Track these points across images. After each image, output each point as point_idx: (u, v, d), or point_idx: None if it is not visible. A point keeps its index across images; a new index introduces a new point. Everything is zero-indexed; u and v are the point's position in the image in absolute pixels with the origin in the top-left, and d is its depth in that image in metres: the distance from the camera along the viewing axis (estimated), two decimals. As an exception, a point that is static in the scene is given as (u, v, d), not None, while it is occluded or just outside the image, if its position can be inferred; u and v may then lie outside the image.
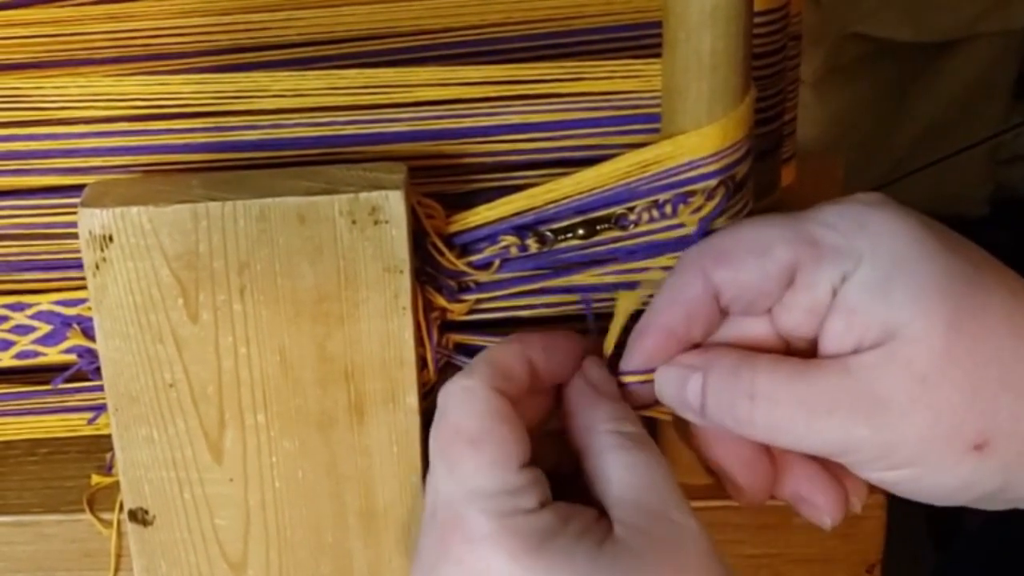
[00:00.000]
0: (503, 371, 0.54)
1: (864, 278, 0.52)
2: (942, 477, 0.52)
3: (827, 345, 0.53)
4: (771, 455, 0.56)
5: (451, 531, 0.51)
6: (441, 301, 0.61)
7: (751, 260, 0.54)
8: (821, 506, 0.56)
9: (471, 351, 0.63)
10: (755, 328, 0.55)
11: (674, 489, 0.52)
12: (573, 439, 0.55)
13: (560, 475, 0.54)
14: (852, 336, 0.52)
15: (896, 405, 0.51)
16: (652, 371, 0.56)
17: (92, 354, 0.62)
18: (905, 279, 0.52)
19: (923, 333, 0.51)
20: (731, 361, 0.53)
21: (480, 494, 0.51)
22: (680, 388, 0.54)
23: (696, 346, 0.55)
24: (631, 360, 0.56)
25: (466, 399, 0.53)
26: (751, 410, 0.52)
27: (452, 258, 0.60)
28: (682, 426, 0.57)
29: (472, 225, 0.61)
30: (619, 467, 0.52)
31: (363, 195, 0.57)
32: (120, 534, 0.63)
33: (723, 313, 0.55)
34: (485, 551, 0.50)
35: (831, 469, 0.56)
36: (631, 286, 0.61)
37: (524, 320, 0.63)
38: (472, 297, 0.62)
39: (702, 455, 0.56)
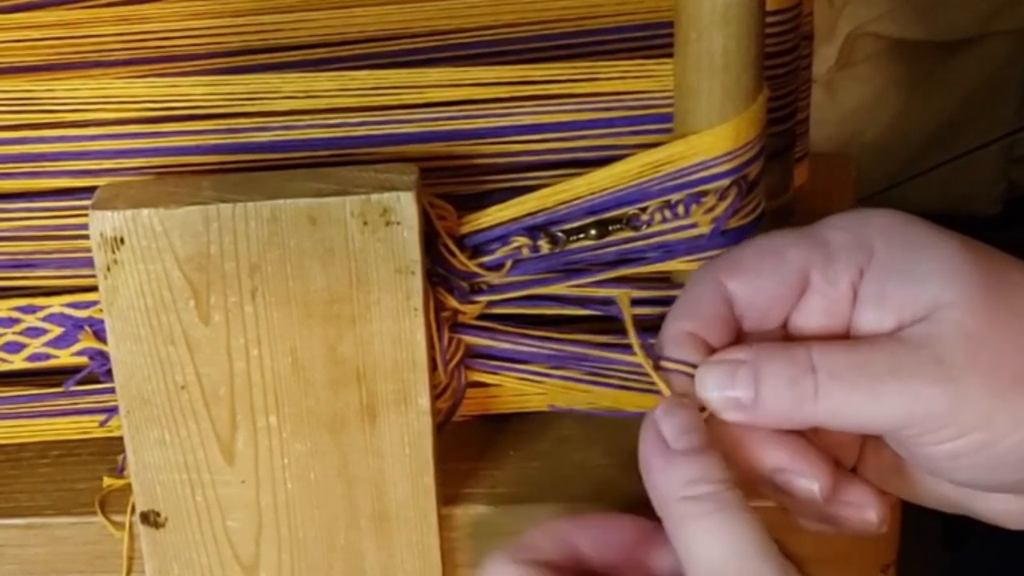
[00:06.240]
0: (531, 546, 0.53)
1: (884, 264, 0.52)
2: (1014, 436, 0.51)
3: (864, 333, 0.53)
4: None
5: None
6: (453, 302, 0.61)
7: (764, 265, 0.53)
8: (866, 505, 0.55)
9: (483, 353, 0.63)
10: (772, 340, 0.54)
11: (762, 552, 0.49)
12: (657, 513, 0.52)
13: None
14: (890, 320, 0.52)
15: (956, 364, 0.51)
16: (690, 364, 0.54)
17: (104, 356, 0.62)
18: (926, 254, 0.52)
19: (962, 297, 0.51)
20: (782, 346, 0.52)
21: None
22: (728, 381, 0.52)
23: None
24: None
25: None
26: (815, 385, 0.51)
27: (464, 259, 0.60)
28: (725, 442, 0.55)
29: (484, 226, 0.60)
30: (697, 540, 0.50)
31: (375, 196, 0.57)
32: (132, 536, 0.63)
33: (738, 323, 0.54)
34: None
35: (862, 477, 0.56)
36: (642, 287, 0.61)
37: (534, 321, 0.63)
38: (484, 298, 0.61)
39: (759, 463, 0.53)
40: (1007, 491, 0.54)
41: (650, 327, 0.61)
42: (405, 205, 0.57)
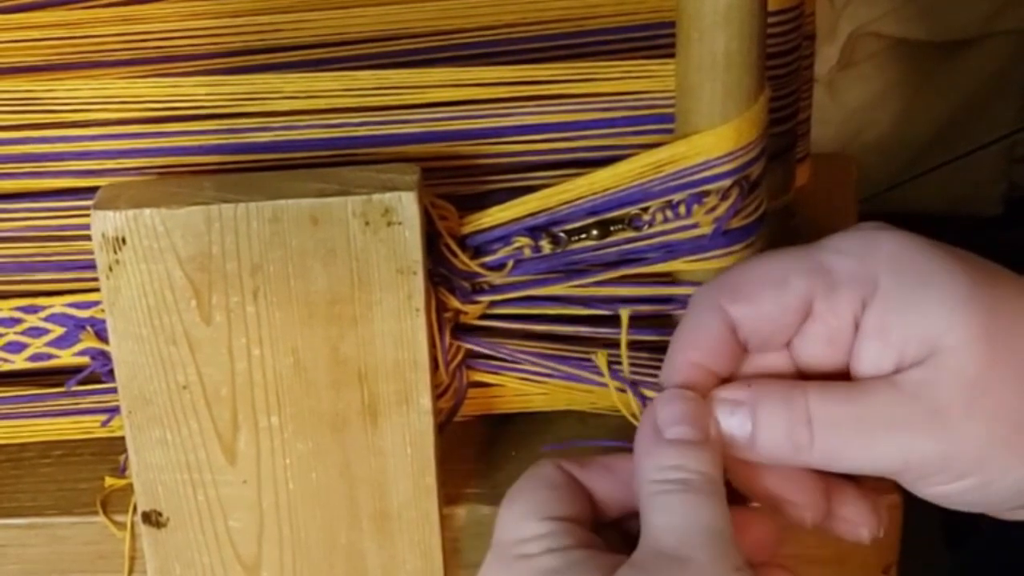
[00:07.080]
0: (555, 502, 0.53)
1: (889, 297, 0.52)
2: (1009, 478, 0.51)
3: (863, 370, 0.52)
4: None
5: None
6: (454, 302, 0.61)
7: (767, 292, 0.53)
8: (858, 520, 0.55)
9: (484, 353, 0.62)
10: (775, 363, 0.54)
11: (707, 530, 0.49)
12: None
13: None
14: (891, 356, 0.52)
15: (954, 412, 0.50)
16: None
17: (105, 356, 0.62)
18: (932, 291, 0.51)
19: (966, 339, 0.51)
20: (780, 389, 0.52)
21: (499, 543, 0.52)
22: (725, 423, 0.53)
23: (725, 380, 0.54)
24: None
25: (527, 471, 0.54)
26: (810, 436, 0.51)
27: (465, 259, 0.60)
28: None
29: (485, 226, 0.60)
30: (655, 511, 0.50)
31: (376, 196, 0.57)
32: (134, 536, 0.63)
33: (742, 348, 0.54)
34: None
35: (859, 487, 0.56)
36: (643, 287, 0.61)
37: (537, 320, 0.63)
38: (486, 298, 0.61)
39: (753, 488, 0.54)
40: (1006, 515, 0.54)
41: (650, 325, 0.61)
42: (407, 205, 0.57)
